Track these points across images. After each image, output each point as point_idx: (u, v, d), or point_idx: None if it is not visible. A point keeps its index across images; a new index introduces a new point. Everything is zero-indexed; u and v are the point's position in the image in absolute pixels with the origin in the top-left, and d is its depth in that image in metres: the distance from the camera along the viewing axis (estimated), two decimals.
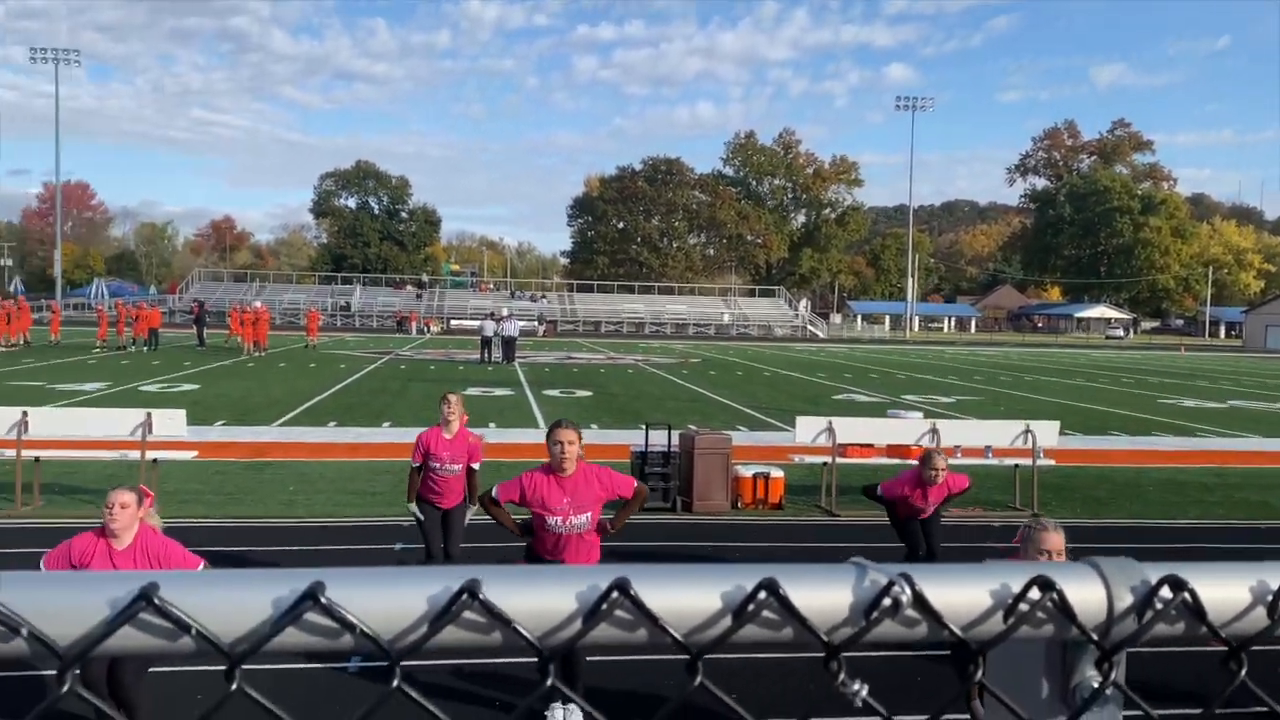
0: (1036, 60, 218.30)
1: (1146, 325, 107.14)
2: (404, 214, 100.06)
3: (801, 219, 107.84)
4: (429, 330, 63.18)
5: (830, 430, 11.06)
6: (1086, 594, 0.57)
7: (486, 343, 34.88)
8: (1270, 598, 0.58)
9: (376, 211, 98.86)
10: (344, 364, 32.11)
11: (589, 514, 5.48)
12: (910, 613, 0.55)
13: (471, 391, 22.93)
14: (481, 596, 0.53)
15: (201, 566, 5.08)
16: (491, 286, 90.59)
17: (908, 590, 0.54)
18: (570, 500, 5.43)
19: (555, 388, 25.17)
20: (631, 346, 52.06)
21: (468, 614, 0.53)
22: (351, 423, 17.47)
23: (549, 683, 0.55)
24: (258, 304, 42.87)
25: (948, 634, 0.55)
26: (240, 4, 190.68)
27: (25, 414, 10.12)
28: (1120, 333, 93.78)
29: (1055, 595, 0.55)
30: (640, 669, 6.20)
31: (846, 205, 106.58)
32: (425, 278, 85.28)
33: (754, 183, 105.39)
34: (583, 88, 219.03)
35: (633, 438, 13.23)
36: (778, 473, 11.35)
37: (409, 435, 9.47)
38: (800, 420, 11.47)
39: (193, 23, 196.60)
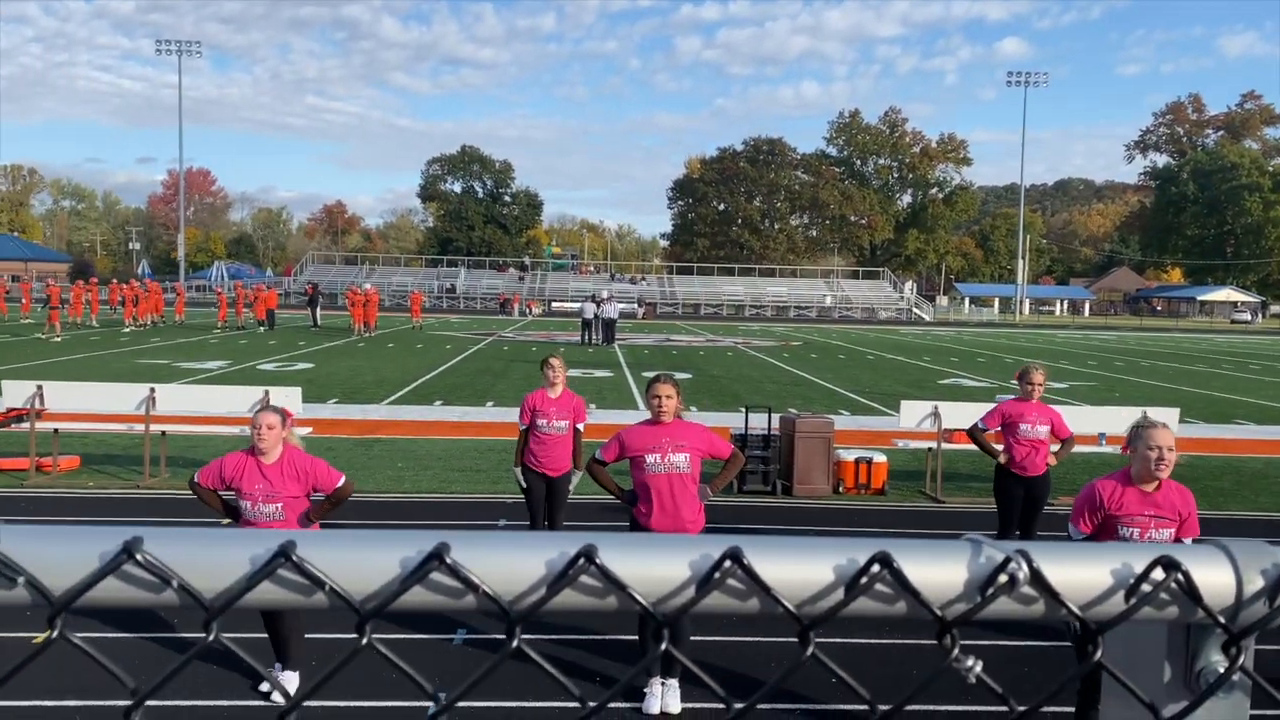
0: (1159, 31, 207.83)
1: (1276, 309, 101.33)
2: (507, 197, 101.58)
3: (907, 199, 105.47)
4: (530, 312, 64.12)
5: (936, 415, 10.83)
6: (1214, 576, 0.55)
7: (587, 325, 35.21)
8: None
9: (481, 195, 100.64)
10: (449, 345, 32.86)
11: (687, 455, 5.52)
12: (1026, 590, 0.54)
13: (572, 373, 23.14)
14: (598, 561, 0.54)
15: (342, 481, 5.60)
16: (592, 269, 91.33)
17: (1025, 567, 0.53)
18: (669, 439, 5.50)
19: (654, 369, 25.27)
20: (731, 329, 51.85)
21: (584, 578, 0.55)
22: (457, 402, 17.88)
23: (662, 647, 0.56)
24: (368, 286, 44.19)
25: (1065, 613, 0.54)
26: None
27: (153, 391, 10.68)
28: (1247, 316, 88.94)
29: (1180, 576, 0.54)
30: (736, 650, 6.21)
31: (954, 185, 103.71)
32: (527, 260, 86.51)
33: (858, 162, 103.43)
34: (685, 68, 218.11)
35: (732, 420, 13.20)
36: (880, 457, 11.17)
37: (512, 415, 9.65)
38: (905, 404, 11.25)
39: (308, 12, 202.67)
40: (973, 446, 11.24)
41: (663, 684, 5.44)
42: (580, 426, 7.58)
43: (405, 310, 52.69)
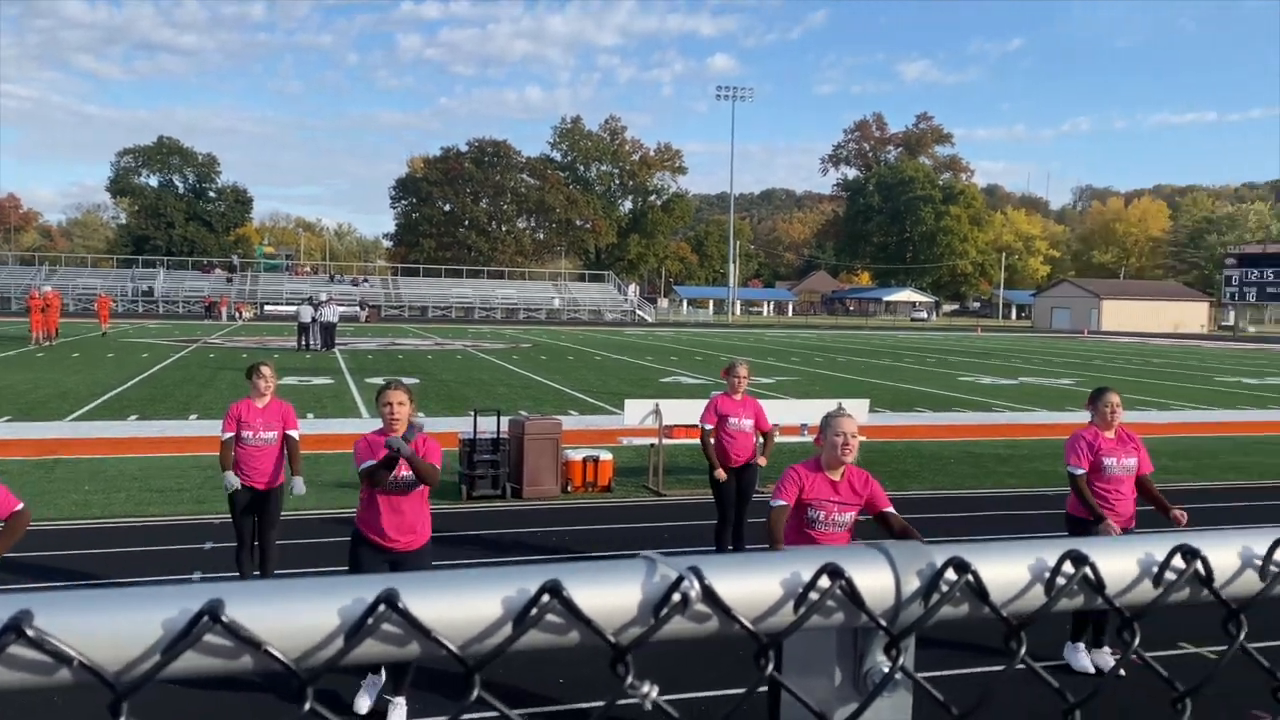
0: (850, 55, 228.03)
1: (947, 308, 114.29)
2: (211, 193, 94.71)
3: (629, 205, 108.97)
4: (240, 316, 60.09)
5: (657, 412, 11.22)
6: (875, 580, 0.56)
7: (304, 329, 33.47)
8: (1047, 575, 0.59)
9: (182, 190, 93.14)
10: (145, 353, 30.09)
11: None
12: (700, 608, 0.53)
13: (288, 380, 21.95)
14: (400, 606, 0.48)
15: (19, 507, 4.85)
16: (309, 270, 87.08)
17: (696, 585, 0.51)
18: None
19: (379, 375, 24.44)
20: (460, 332, 51.22)
21: (386, 626, 0.48)
22: (155, 415, 16.39)
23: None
24: (48, 289, 39.55)
25: (739, 628, 0.53)
26: None
27: None
28: (924, 315, 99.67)
29: (844, 582, 0.54)
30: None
31: (671, 192, 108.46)
32: (236, 260, 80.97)
33: (582, 168, 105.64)
34: (407, 66, 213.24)
35: (462, 425, 13.00)
36: (607, 455, 11.42)
37: (219, 428, 8.98)
38: (628, 403, 11.57)
39: None
40: (693, 440, 11.79)
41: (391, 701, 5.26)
42: (294, 434, 7.16)
43: (93, 316, 47.65)
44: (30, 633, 0.44)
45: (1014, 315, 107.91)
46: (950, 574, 0.56)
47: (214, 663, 0.46)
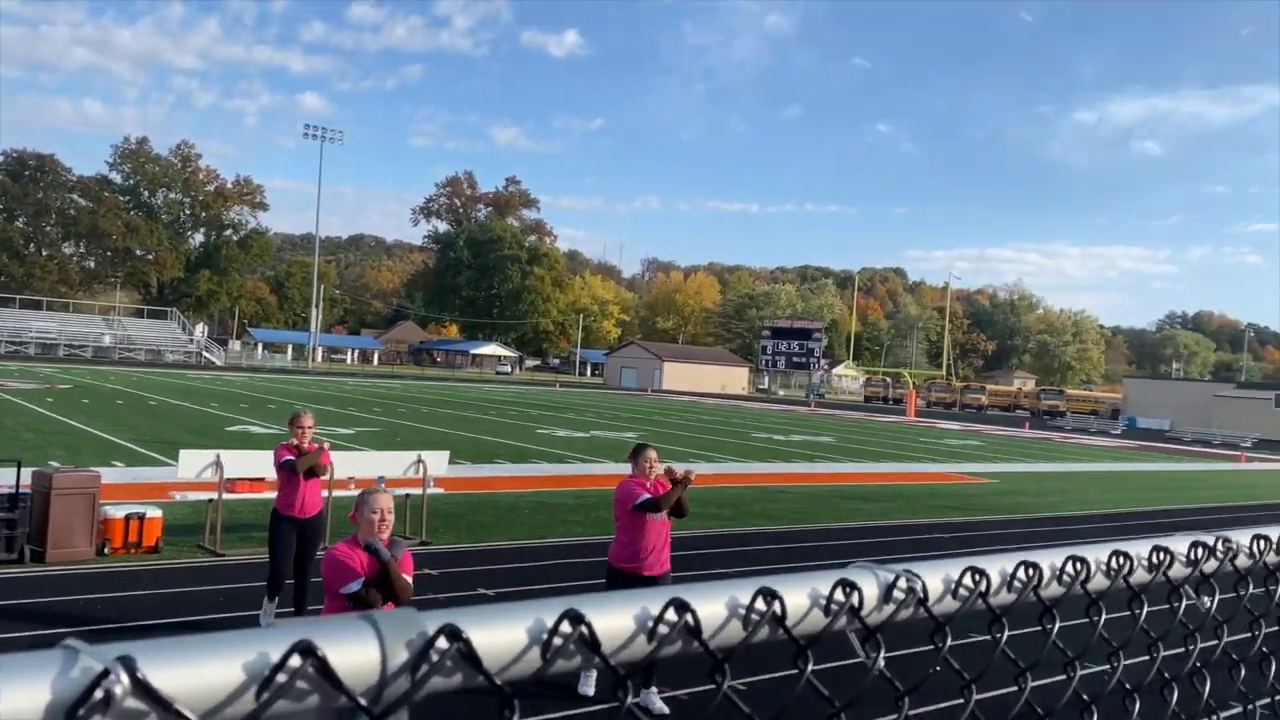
0: (445, 111, 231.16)
1: (530, 363, 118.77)
2: None
3: (200, 238, 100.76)
4: None
5: (218, 464, 10.30)
6: (357, 655, 0.50)
7: None
8: (544, 636, 0.57)
9: None
10: None
11: None
12: (133, 703, 0.43)
13: None
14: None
15: None
16: None
17: (124, 678, 0.42)
18: None
19: None
20: None
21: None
22: None
23: None
24: None
25: None
26: None
27: None
28: (508, 369, 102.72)
29: (316, 660, 0.48)
30: None
31: (250, 228, 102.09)
32: None
33: (146, 193, 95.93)
34: None
35: None
36: (155, 512, 10.26)
37: None
38: (184, 454, 10.52)
39: None
40: (260, 494, 10.97)
41: None
42: None
43: None
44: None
45: (589, 372, 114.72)
46: (441, 642, 0.52)
47: None
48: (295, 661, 0.47)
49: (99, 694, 0.41)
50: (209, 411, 28.03)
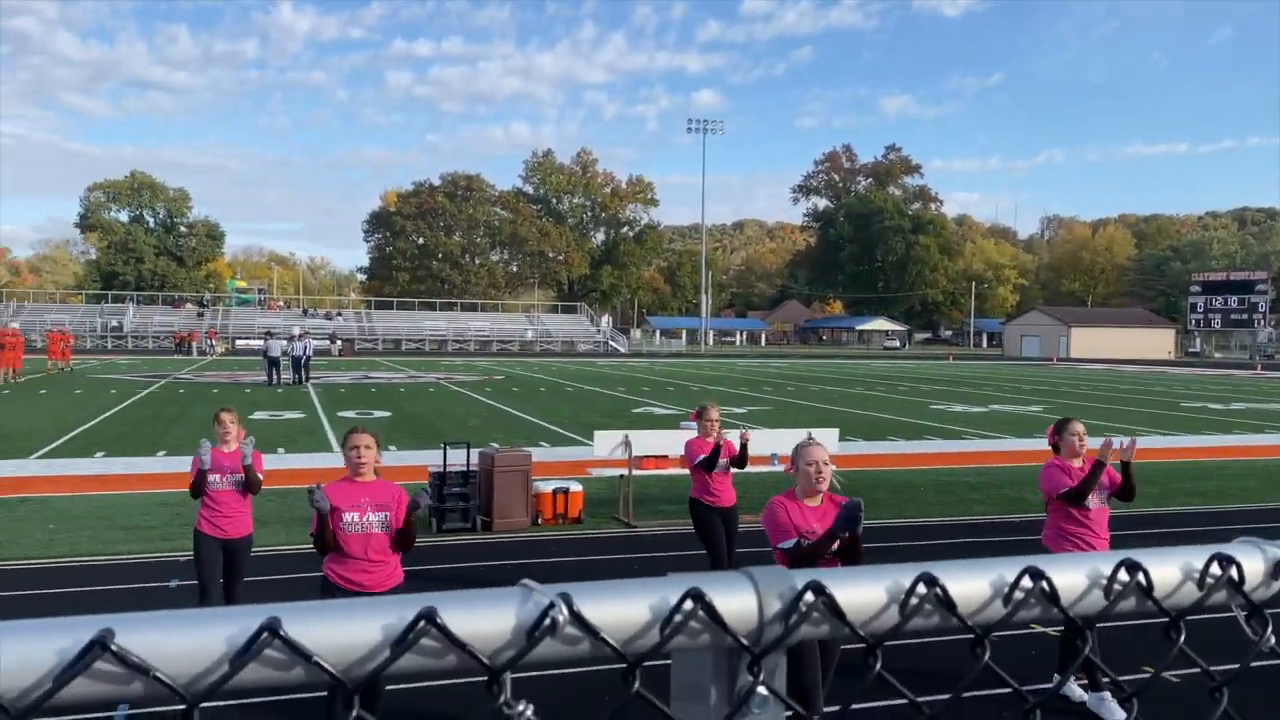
0: (831, 90, 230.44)
1: (920, 336, 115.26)
2: (183, 228, 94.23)
3: (601, 237, 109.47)
4: (214, 349, 59.63)
5: (626, 443, 11.24)
6: (739, 603, 0.60)
7: (274, 363, 33.23)
8: (903, 596, 0.64)
9: (152, 225, 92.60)
10: (114, 389, 29.77)
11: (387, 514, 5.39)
12: (571, 631, 0.56)
13: (258, 416, 21.80)
14: (282, 633, 0.52)
15: None
16: (282, 304, 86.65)
17: (564, 610, 0.55)
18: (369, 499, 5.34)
19: (351, 409, 24.32)
20: (433, 364, 51.04)
21: (269, 652, 0.52)
22: (122, 452, 16.21)
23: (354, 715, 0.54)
24: (14, 325, 39.09)
25: (608, 650, 0.57)
26: (24, 4, 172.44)
27: None
28: (896, 344, 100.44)
29: (707, 605, 0.59)
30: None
31: (643, 224, 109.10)
32: (207, 295, 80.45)
33: (554, 200, 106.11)
34: (396, 103, 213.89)
35: (432, 458, 12.96)
36: (577, 487, 11.42)
37: (187, 464, 8.91)
38: (598, 434, 11.59)
39: None
40: (664, 470, 11.81)
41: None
42: (260, 475, 7.13)
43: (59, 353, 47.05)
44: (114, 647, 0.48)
45: (985, 343, 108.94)
46: (809, 596, 0.60)
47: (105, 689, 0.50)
48: (689, 605, 0.58)
49: (547, 621, 0.56)
50: (617, 395, 30.49)
